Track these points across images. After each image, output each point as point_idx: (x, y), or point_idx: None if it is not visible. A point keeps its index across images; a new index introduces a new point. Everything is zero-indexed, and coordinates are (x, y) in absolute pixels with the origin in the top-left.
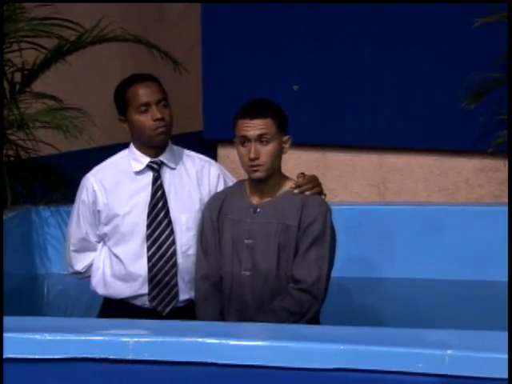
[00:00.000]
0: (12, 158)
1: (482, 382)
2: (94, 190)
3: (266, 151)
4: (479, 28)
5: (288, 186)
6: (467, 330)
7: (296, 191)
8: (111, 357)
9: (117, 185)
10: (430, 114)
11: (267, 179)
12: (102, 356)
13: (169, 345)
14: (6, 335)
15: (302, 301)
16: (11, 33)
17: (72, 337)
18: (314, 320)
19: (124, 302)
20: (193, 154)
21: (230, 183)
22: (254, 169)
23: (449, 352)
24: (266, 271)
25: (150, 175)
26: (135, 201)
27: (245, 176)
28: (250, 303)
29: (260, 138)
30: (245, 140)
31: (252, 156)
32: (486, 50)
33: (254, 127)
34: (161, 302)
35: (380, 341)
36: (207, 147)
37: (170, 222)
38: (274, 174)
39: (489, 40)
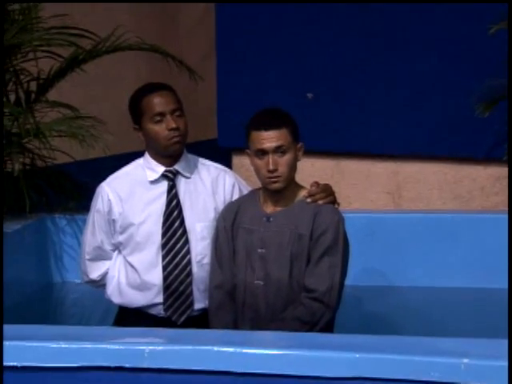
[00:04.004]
0: (28, 167)
1: None
2: (109, 199)
3: (283, 162)
4: (493, 35)
5: (301, 194)
6: (482, 338)
7: (309, 200)
8: (127, 365)
9: (132, 194)
10: (445, 122)
11: (283, 189)
12: (118, 364)
13: (184, 353)
14: (21, 343)
15: (313, 310)
16: (26, 42)
17: (87, 345)
18: (328, 328)
19: (139, 311)
20: (208, 162)
21: (245, 191)
22: (273, 180)
23: (465, 360)
24: (278, 280)
25: (164, 184)
26: (150, 210)
27: (259, 184)
28: (262, 312)
29: (277, 150)
30: (262, 152)
31: (271, 168)
32: (501, 57)
33: (270, 139)
34: (176, 311)
35: (395, 349)
36: (221, 155)
37: (184, 231)
38: (289, 184)
39: (503, 46)
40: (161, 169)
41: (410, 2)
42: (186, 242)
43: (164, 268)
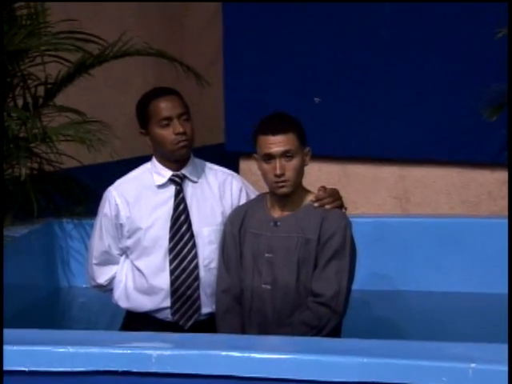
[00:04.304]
0: (35, 171)
1: None
2: (117, 204)
3: (290, 167)
4: (500, 38)
5: (309, 199)
6: (490, 342)
7: (316, 205)
8: (134, 370)
9: (139, 198)
10: (452, 126)
11: (290, 193)
12: (126, 369)
13: (192, 358)
14: (29, 348)
15: (320, 314)
16: (34, 47)
17: (95, 349)
18: (335, 333)
19: (146, 316)
20: (215, 167)
21: (253, 196)
22: (280, 185)
23: (472, 365)
24: (285, 285)
25: (172, 189)
26: (157, 214)
27: (266, 189)
28: (269, 317)
29: (284, 154)
30: (269, 157)
31: (278, 173)
32: (507, 61)
33: (277, 144)
34: (183, 315)
35: (403, 354)
36: (228, 160)
37: (192, 236)
38: (297, 188)
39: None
40: (168, 173)
41: (414, 2)
42: (194, 246)
43: (171, 272)
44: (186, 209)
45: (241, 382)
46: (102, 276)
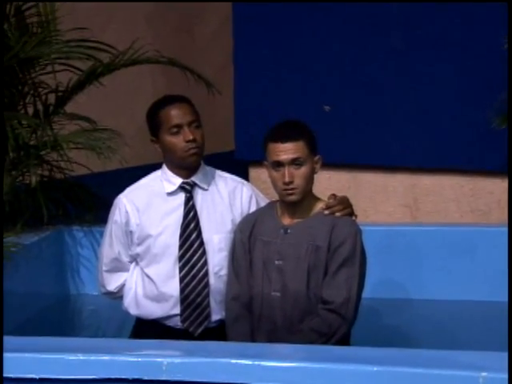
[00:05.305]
0: (45, 179)
1: None
2: (127, 211)
3: (300, 174)
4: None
5: (319, 207)
6: (500, 351)
7: (326, 212)
8: (145, 377)
9: (149, 205)
10: (462, 135)
11: (300, 201)
12: (136, 377)
13: (202, 365)
14: (39, 355)
15: (330, 321)
16: (45, 55)
17: (105, 357)
18: (344, 341)
19: (156, 323)
20: (225, 174)
21: (263, 203)
22: (289, 192)
23: (483, 374)
24: (295, 292)
25: (182, 196)
26: (167, 222)
27: (276, 196)
28: (279, 324)
29: (293, 162)
30: (278, 164)
31: (287, 180)
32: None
33: (286, 151)
34: (193, 322)
35: (413, 362)
36: (238, 167)
37: (202, 243)
38: (306, 196)
39: None
40: (178, 180)
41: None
42: (203, 253)
43: (181, 280)
44: (195, 216)
45: None
46: (112, 283)
